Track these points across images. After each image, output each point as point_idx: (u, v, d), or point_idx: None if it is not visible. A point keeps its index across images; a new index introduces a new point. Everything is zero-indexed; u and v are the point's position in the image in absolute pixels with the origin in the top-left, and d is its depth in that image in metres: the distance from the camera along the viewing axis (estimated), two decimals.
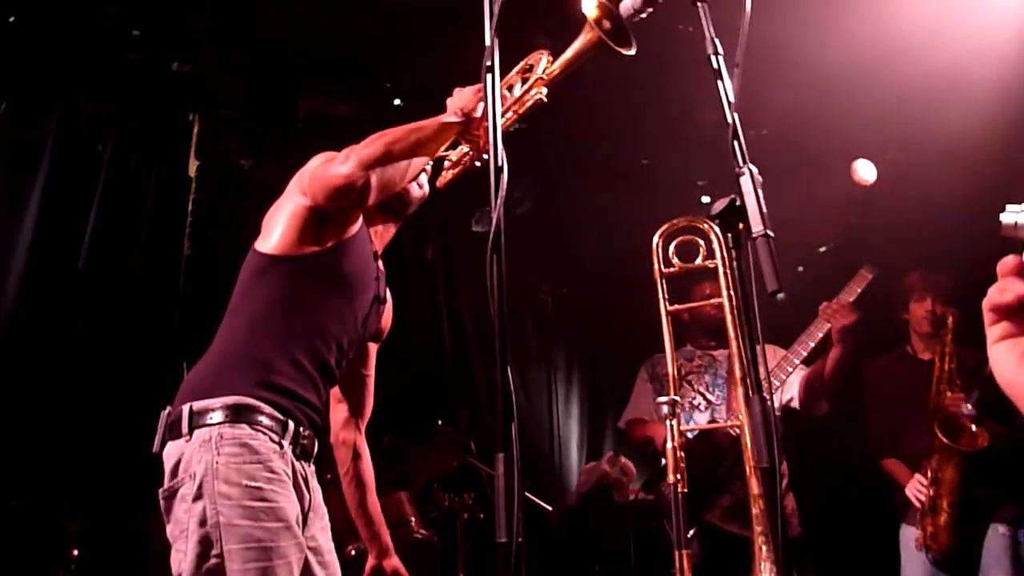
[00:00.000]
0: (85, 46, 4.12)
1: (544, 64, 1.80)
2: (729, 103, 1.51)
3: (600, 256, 5.29)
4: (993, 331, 0.72)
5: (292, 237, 1.81)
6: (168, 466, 1.64)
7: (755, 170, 1.43)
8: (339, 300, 1.84)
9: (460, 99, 1.89)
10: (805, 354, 3.23)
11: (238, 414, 1.62)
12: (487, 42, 1.38)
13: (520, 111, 1.84)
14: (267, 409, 1.66)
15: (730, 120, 1.49)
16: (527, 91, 1.83)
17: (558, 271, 4.99)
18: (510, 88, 1.89)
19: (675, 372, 2.00)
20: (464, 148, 1.97)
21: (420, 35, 4.21)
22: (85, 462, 3.60)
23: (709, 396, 3.36)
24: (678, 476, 1.73)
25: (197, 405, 1.64)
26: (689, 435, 3.13)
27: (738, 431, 3.04)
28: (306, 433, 1.75)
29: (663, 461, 1.85)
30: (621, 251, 5.05)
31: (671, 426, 1.78)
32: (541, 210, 5.07)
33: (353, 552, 2.91)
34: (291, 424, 1.70)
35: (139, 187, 4.43)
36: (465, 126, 1.86)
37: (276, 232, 1.82)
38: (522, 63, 1.88)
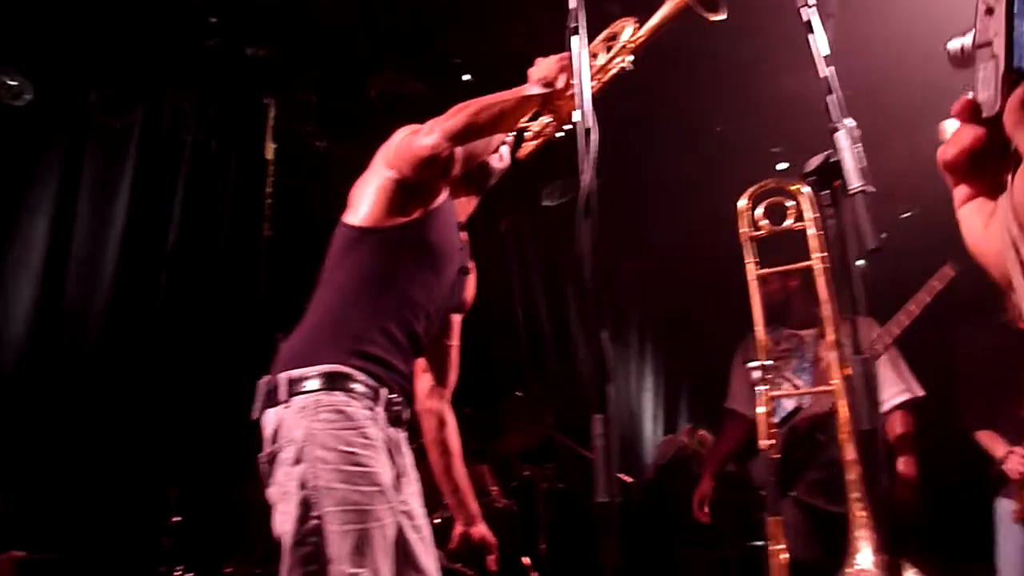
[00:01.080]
0: (166, 36, 4.25)
1: (630, 32, 1.76)
2: (822, 57, 1.46)
3: (673, 226, 5.21)
4: (956, 194, 0.65)
5: (379, 209, 1.84)
6: (267, 432, 1.70)
7: (852, 124, 1.38)
8: (426, 271, 1.87)
9: (542, 69, 1.88)
10: (890, 341, 3.12)
11: (333, 381, 1.67)
12: (571, 4, 1.36)
13: (603, 80, 1.81)
14: (360, 376, 1.70)
15: (823, 74, 1.44)
16: (611, 60, 1.79)
17: (632, 241, 4.94)
18: (594, 56, 1.84)
19: (764, 338, 1.95)
20: (546, 119, 1.95)
21: (488, 9, 4.19)
22: (183, 432, 3.77)
23: (796, 382, 3.26)
24: (771, 443, 1.70)
25: (294, 373, 1.69)
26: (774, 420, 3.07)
27: (821, 410, 2.98)
28: (397, 400, 1.79)
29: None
30: (694, 221, 4.97)
31: (763, 392, 1.75)
32: (614, 180, 5.01)
33: (439, 520, 2.97)
34: (383, 391, 1.74)
35: (220, 171, 4.59)
36: (547, 96, 1.85)
37: (364, 205, 1.85)
38: (606, 31, 1.84)
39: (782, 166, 5.13)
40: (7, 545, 3.02)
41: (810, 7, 1.48)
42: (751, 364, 1.78)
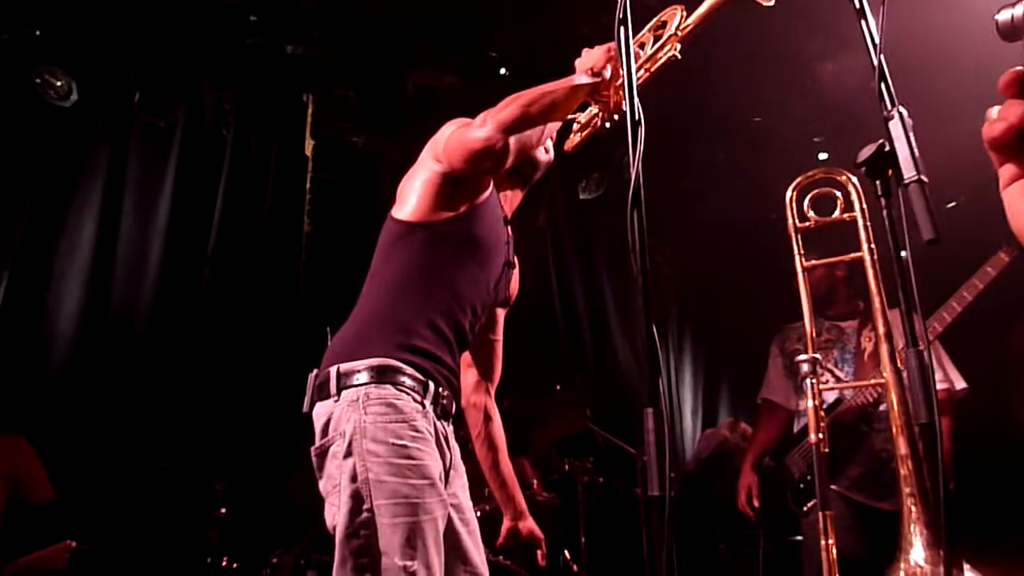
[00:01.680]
0: (206, 34, 4.32)
1: (678, 20, 1.73)
2: (874, 44, 1.43)
3: (713, 217, 5.16)
4: (1002, 174, 0.60)
5: (427, 203, 1.84)
6: (318, 425, 1.71)
7: (905, 112, 1.35)
8: (473, 265, 1.87)
9: (589, 59, 1.87)
10: (941, 329, 3.03)
11: (382, 375, 1.68)
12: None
13: (652, 69, 1.77)
14: (409, 370, 1.71)
15: (876, 62, 1.41)
16: (660, 48, 1.76)
17: (671, 233, 4.90)
18: (641, 46, 1.83)
19: (811, 330, 1.92)
20: (593, 110, 1.94)
21: (523, 3, 4.19)
22: (229, 426, 3.84)
23: (838, 373, 3.21)
24: (820, 435, 1.67)
25: (344, 367, 1.70)
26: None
27: (864, 402, 2.93)
28: (445, 393, 1.80)
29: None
30: (734, 212, 4.91)
31: (811, 384, 1.72)
32: (653, 172, 4.98)
33: (479, 513, 2.98)
34: (431, 384, 1.75)
35: (260, 167, 4.65)
36: (595, 87, 1.84)
37: (412, 199, 1.86)
38: (655, 19, 1.81)
39: (823, 156, 5.05)
40: (60, 535, 3.11)
41: None
42: (800, 357, 1.76)
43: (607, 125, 1.89)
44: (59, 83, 4.15)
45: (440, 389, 1.78)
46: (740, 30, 3.98)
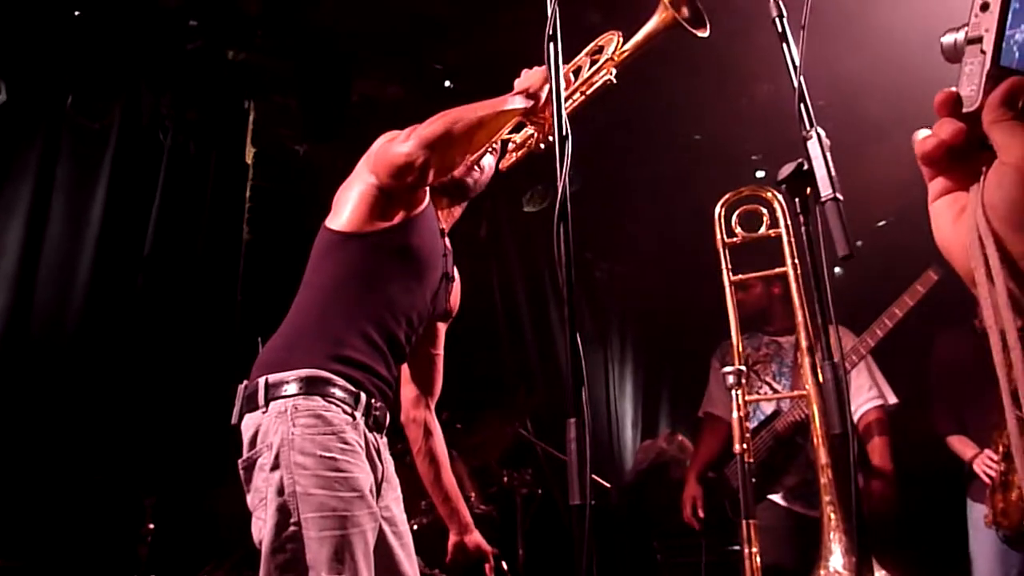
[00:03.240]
0: (146, 38, 4.23)
1: (615, 45, 1.76)
2: (794, 66, 1.49)
3: (654, 232, 5.25)
4: (931, 188, 0.63)
5: (361, 214, 1.85)
6: (246, 437, 1.69)
7: (823, 133, 1.41)
8: (408, 276, 1.88)
9: (527, 80, 1.89)
10: (872, 344, 3.14)
11: (312, 386, 1.67)
12: (548, 11, 1.38)
13: (588, 93, 1.80)
14: (339, 381, 1.70)
15: (796, 84, 1.47)
16: (596, 72, 1.79)
17: (611, 248, 4.96)
18: (578, 70, 1.85)
19: (739, 342, 1.98)
20: (529, 130, 1.96)
21: (470, 16, 4.22)
22: (159, 439, 3.74)
23: (776, 386, 3.30)
24: (744, 446, 1.72)
25: (272, 378, 1.69)
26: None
27: (801, 415, 3.02)
28: (377, 405, 1.79)
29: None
30: (675, 227, 5.01)
31: (736, 396, 1.77)
32: (593, 187, 5.04)
33: (415, 526, 2.97)
34: (363, 396, 1.74)
35: (199, 174, 4.55)
36: (531, 108, 1.86)
37: (346, 210, 1.86)
38: (592, 44, 1.83)
39: (760, 174, 5.19)
40: None
41: (783, 18, 1.51)
42: (727, 369, 1.80)
43: (542, 146, 1.91)
44: None
45: (372, 400, 1.77)
46: (681, 47, 4.08)
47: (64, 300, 4.01)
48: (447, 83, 4.53)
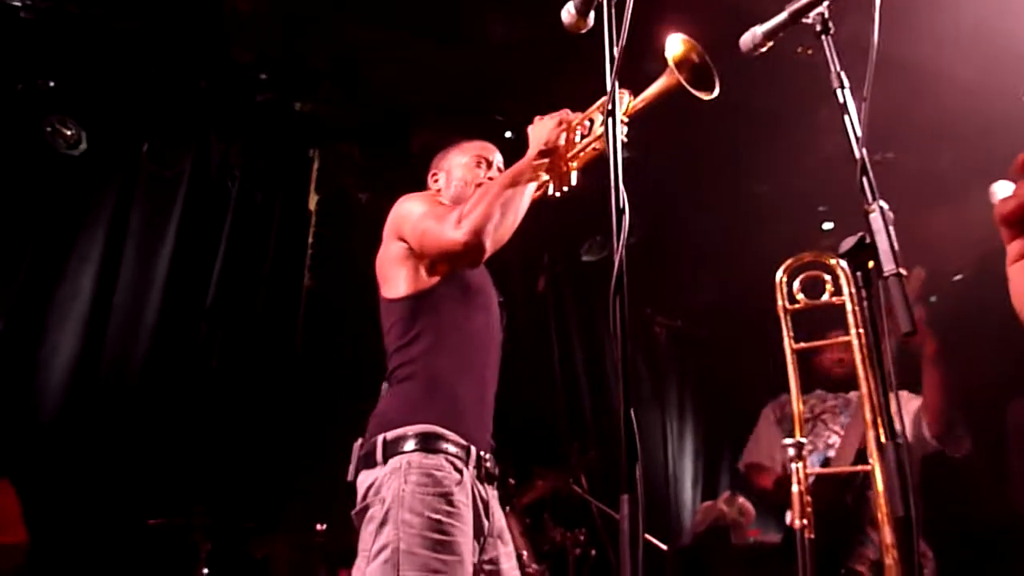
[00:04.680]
0: (218, 90, 4.46)
1: (626, 103, 1.82)
2: (857, 138, 1.50)
3: (716, 287, 5.22)
4: (1010, 251, 0.62)
5: (414, 275, 1.95)
6: (361, 491, 1.80)
7: (886, 207, 1.41)
8: (480, 311, 1.99)
9: (542, 132, 1.96)
10: None
11: (427, 442, 1.76)
12: (608, 86, 1.43)
13: (600, 147, 1.87)
14: (452, 436, 1.80)
15: (858, 155, 1.48)
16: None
17: (672, 303, 4.94)
18: (591, 122, 1.93)
19: (800, 411, 1.96)
20: (543, 177, 2.01)
21: (530, 68, 4.33)
22: (217, 487, 3.85)
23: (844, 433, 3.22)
24: (804, 521, 1.70)
25: (390, 435, 1.79)
26: (816, 466, 3.02)
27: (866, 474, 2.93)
28: (487, 457, 1.88)
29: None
30: (738, 282, 4.97)
31: (797, 469, 1.75)
32: (654, 238, 5.05)
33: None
34: (473, 449, 1.83)
35: (264, 221, 4.74)
36: (549, 158, 1.93)
37: (399, 276, 1.97)
38: (603, 99, 1.89)
39: (828, 226, 5.13)
40: None
41: (844, 88, 1.53)
42: (787, 441, 1.79)
43: (557, 194, 1.96)
44: (69, 132, 4.28)
45: (482, 453, 1.86)
46: (745, 97, 4.10)
47: (131, 344, 4.19)
48: (508, 134, 4.63)
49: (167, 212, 4.50)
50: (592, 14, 1.63)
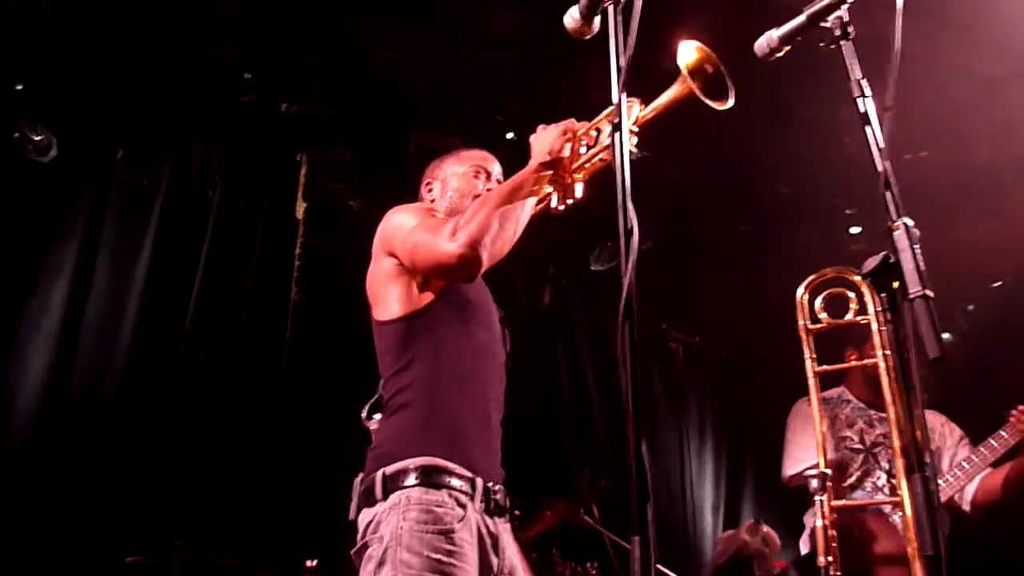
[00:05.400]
0: (198, 92, 4.50)
1: (636, 112, 1.84)
2: (880, 149, 1.52)
3: (737, 299, 5.22)
4: None
5: (407, 293, 1.97)
6: (361, 527, 1.82)
7: (911, 223, 1.43)
8: (480, 329, 2.00)
9: (545, 142, 1.98)
10: (992, 458, 3.05)
11: (428, 476, 1.78)
12: (614, 99, 1.46)
13: (607, 159, 1.87)
14: (456, 469, 1.81)
15: (881, 169, 1.50)
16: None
17: (689, 316, 4.95)
18: (597, 132, 1.95)
19: (824, 437, 1.98)
20: (547, 189, 2.02)
21: (532, 67, 4.37)
22: (198, 520, 3.87)
23: (894, 480, 3.17)
24: (829, 558, 1.72)
25: (389, 470, 1.81)
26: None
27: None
28: (496, 488, 1.89)
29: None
30: (760, 293, 4.99)
31: (821, 502, 1.78)
32: (668, 247, 5.08)
33: None
34: (479, 481, 1.84)
35: (247, 230, 4.76)
36: (553, 168, 1.96)
37: (391, 296, 1.98)
38: (610, 108, 1.92)
39: (855, 230, 5.15)
40: None
41: (865, 98, 1.55)
42: (810, 472, 1.81)
43: (560, 208, 1.98)
44: (39, 138, 4.32)
45: (490, 484, 1.87)
46: (764, 98, 4.13)
47: (106, 364, 4.22)
48: (509, 135, 4.66)
49: (143, 222, 4.53)
50: (598, 19, 1.66)
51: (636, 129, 1.83)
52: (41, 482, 3.86)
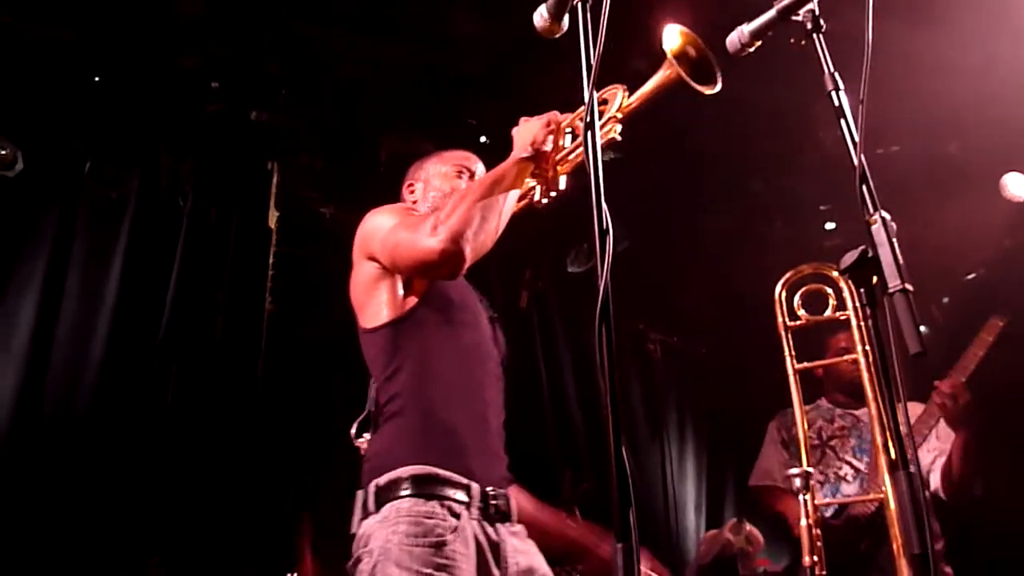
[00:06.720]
0: (165, 101, 4.44)
1: (620, 100, 1.82)
2: (854, 143, 1.51)
3: (714, 297, 5.22)
4: None
5: (392, 298, 1.94)
6: (355, 541, 1.80)
7: (888, 217, 1.42)
8: (467, 330, 1.97)
9: (528, 133, 1.96)
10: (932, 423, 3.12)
11: (421, 485, 1.75)
12: (586, 98, 1.44)
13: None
14: (451, 476, 1.77)
15: (856, 163, 1.49)
16: (600, 127, 1.84)
17: (667, 316, 4.94)
18: (581, 123, 1.92)
19: (806, 436, 1.97)
20: (530, 182, 2.00)
21: (505, 68, 4.34)
22: (174, 537, 3.81)
23: (857, 464, 3.24)
24: (815, 558, 1.70)
25: (382, 481, 1.77)
26: (827, 512, 3.03)
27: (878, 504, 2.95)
28: (496, 492, 1.84)
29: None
30: (738, 290, 4.98)
31: (805, 501, 1.76)
32: (645, 246, 5.07)
33: None
34: (475, 487, 1.79)
35: (220, 241, 4.71)
36: (538, 161, 1.93)
37: (375, 302, 1.95)
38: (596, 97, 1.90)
39: (830, 226, 5.17)
40: None
41: (839, 91, 1.54)
42: (792, 471, 1.80)
43: (544, 201, 1.95)
44: (4, 152, 4.23)
45: (488, 489, 1.82)
46: (736, 93, 4.13)
47: (77, 381, 4.15)
48: (483, 139, 4.63)
49: (113, 235, 4.46)
50: (567, 18, 1.63)
51: (620, 116, 1.80)
52: (12, 501, 3.78)
